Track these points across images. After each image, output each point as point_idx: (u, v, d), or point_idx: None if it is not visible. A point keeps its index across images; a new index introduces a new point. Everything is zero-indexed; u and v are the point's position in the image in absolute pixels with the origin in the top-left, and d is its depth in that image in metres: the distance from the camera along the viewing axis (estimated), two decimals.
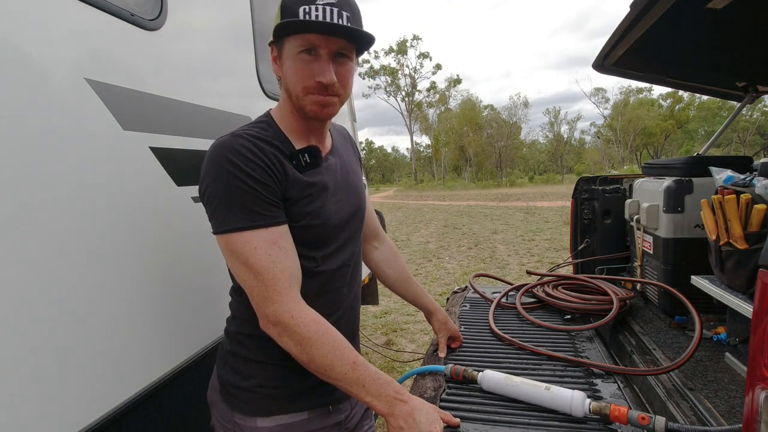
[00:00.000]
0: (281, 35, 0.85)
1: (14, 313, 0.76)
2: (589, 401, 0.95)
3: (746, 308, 1.23)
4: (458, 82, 49.86)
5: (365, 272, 2.65)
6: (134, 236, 1.04)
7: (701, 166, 1.73)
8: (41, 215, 0.82)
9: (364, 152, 61.16)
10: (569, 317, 1.66)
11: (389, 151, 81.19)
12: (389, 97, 48.21)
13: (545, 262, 6.59)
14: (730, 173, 1.45)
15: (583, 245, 2.61)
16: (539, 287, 1.89)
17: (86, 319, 0.90)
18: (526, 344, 1.36)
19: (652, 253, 1.92)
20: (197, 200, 0.88)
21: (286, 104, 0.92)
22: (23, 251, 0.79)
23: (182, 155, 1.22)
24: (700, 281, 1.55)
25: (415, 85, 48.10)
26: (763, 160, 1.46)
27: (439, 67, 47.84)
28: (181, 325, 1.19)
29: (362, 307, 1.43)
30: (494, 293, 1.93)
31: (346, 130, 1.17)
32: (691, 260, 1.73)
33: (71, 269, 0.88)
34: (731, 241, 1.35)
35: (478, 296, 1.96)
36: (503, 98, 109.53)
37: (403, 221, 13.32)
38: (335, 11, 0.81)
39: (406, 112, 49.28)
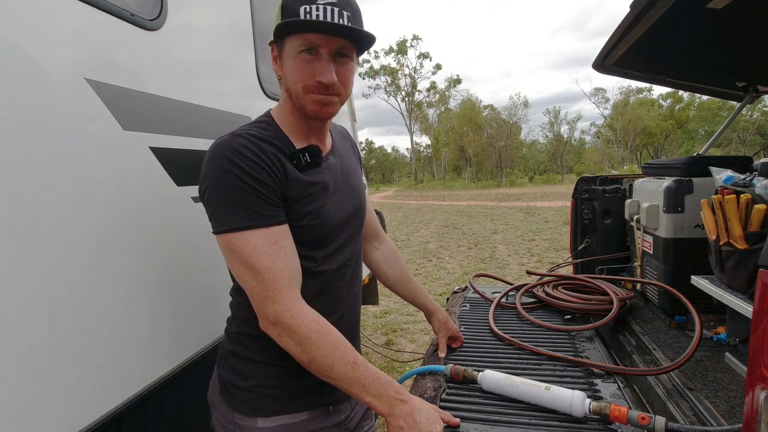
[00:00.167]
0: (282, 35, 0.85)
1: (14, 312, 0.76)
2: (589, 401, 0.95)
3: (746, 308, 1.23)
4: (458, 82, 49.91)
5: (365, 272, 2.65)
6: (134, 236, 1.04)
7: (701, 166, 1.73)
8: (41, 215, 0.82)
9: (364, 152, 61.15)
10: (569, 317, 1.66)
11: (389, 151, 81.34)
12: (389, 97, 48.31)
13: (545, 262, 6.59)
14: (730, 173, 1.45)
15: (583, 245, 2.61)
16: (539, 287, 1.89)
17: (86, 319, 0.90)
18: (526, 344, 1.36)
19: (652, 253, 1.92)
20: (197, 200, 0.88)
21: (286, 104, 0.92)
22: (23, 251, 0.79)
23: (182, 155, 1.22)
24: (700, 281, 1.55)
25: (415, 85, 48.13)
26: (763, 160, 1.46)
27: (439, 67, 47.84)
28: (181, 325, 1.19)
29: (362, 307, 1.43)
30: (494, 293, 1.93)
31: (346, 130, 1.17)
32: (691, 260, 1.73)
33: (71, 269, 0.88)
34: (731, 241, 1.35)
35: (478, 296, 1.96)
36: (503, 98, 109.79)
37: (403, 221, 13.32)
38: (336, 11, 0.81)
39: (406, 112, 49.30)
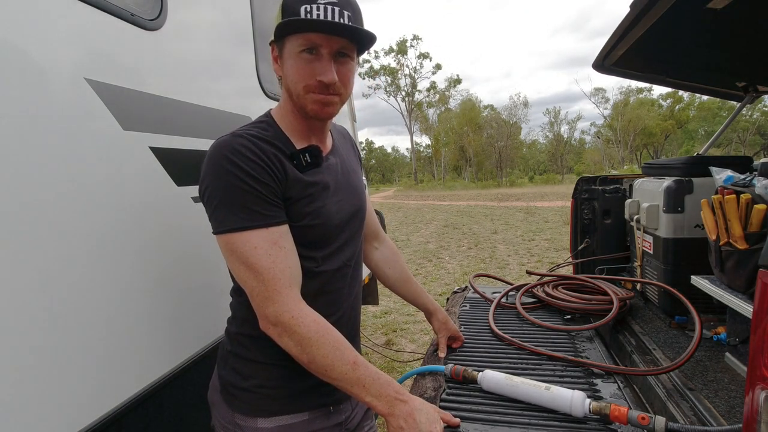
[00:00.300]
0: (282, 35, 0.85)
1: (14, 312, 0.76)
2: (589, 401, 0.95)
3: (746, 308, 1.23)
4: (458, 82, 49.91)
5: (365, 272, 2.65)
6: (134, 236, 1.04)
7: (701, 166, 1.73)
8: (41, 215, 0.82)
9: (364, 152, 61.13)
10: (569, 317, 1.66)
11: (389, 151, 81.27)
12: (389, 97, 48.28)
13: (545, 262, 6.59)
14: (730, 173, 1.45)
15: (583, 245, 2.61)
16: (539, 287, 1.89)
17: (86, 318, 0.90)
18: (526, 344, 1.36)
19: (652, 253, 1.92)
20: (197, 200, 0.88)
21: (286, 104, 0.92)
22: (23, 251, 0.79)
23: (182, 155, 1.22)
24: (700, 281, 1.55)
25: (415, 85, 48.12)
26: (763, 160, 1.46)
27: (439, 67, 47.83)
28: (181, 325, 1.19)
29: (362, 307, 1.43)
30: (494, 293, 1.93)
31: (346, 130, 1.17)
32: (691, 260, 1.73)
33: (71, 269, 0.88)
34: (731, 241, 1.35)
35: (478, 296, 1.96)
36: (503, 98, 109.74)
37: (403, 221, 13.32)
38: (336, 10, 0.81)
39: (406, 112, 49.29)
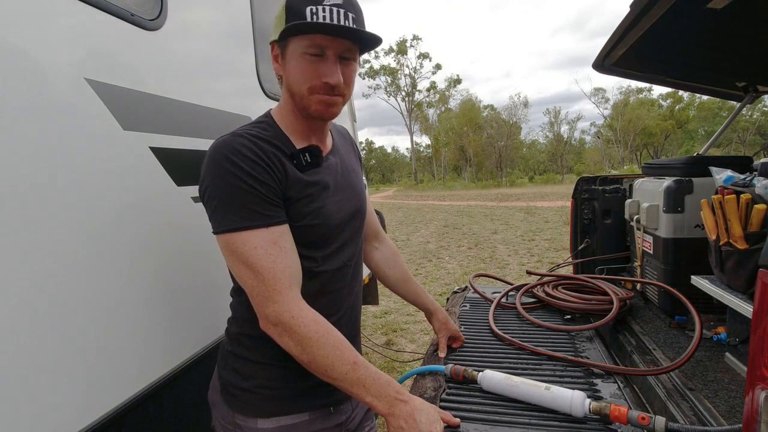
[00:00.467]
0: (287, 35, 0.85)
1: (14, 312, 0.76)
2: (589, 401, 0.95)
3: (746, 308, 1.23)
4: (458, 82, 49.91)
5: (365, 272, 2.65)
6: (134, 236, 1.04)
7: (701, 166, 1.73)
8: (41, 215, 0.82)
9: (364, 152, 61.10)
10: (569, 317, 1.66)
11: (389, 151, 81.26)
12: (389, 97, 48.28)
13: (545, 262, 6.59)
14: (730, 173, 1.45)
15: (583, 245, 2.61)
16: (539, 287, 1.89)
17: (86, 318, 0.90)
18: (526, 344, 1.36)
19: (652, 253, 1.92)
20: (197, 200, 0.88)
21: (287, 104, 0.92)
22: (23, 251, 0.79)
23: (182, 155, 1.22)
24: (700, 281, 1.55)
25: (415, 85, 48.11)
26: (763, 160, 1.46)
27: (439, 67, 47.81)
28: (181, 325, 1.19)
29: (362, 307, 1.43)
30: (494, 293, 1.93)
31: (346, 130, 1.17)
32: (691, 260, 1.73)
33: (71, 269, 0.88)
34: (731, 241, 1.35)
35: (478, 296, 1.97)
36: (503, 98, 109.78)
37: (403, 221, 13.31)
38: (341, 12, 0.82)
39: (406, 112, 49.28)
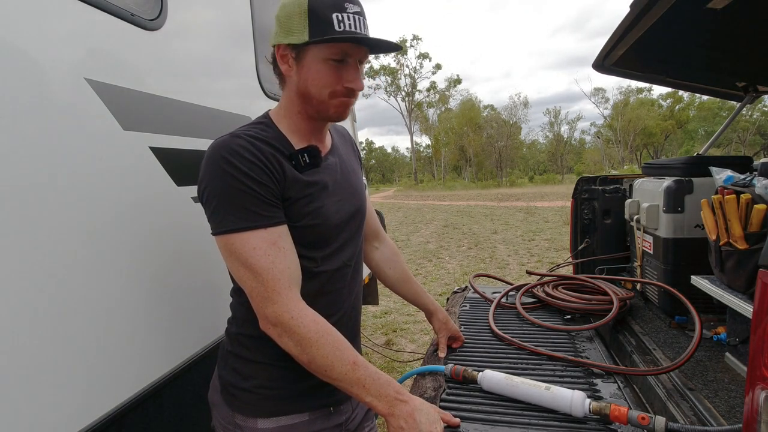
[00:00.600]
0: (310, 42, 0.83)
1: (14, 312, 0.76)
2: (589, 401, 0.95)
3: (746, 308, 1.23)
4: (458, 82, 49.90)
5: (365, 272, 2.65)
6: (134, 237, 1.04)
7: (701, 166, 1.73)
8: (41, 215, 0.82)
9: (364, 152, 61.14)
10: (569, 317, 1.66)
11: (389, 151, 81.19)
12: (389, 97, 48.25)
13: (545, 262, 6.59)
14: (730, 173, 1.45)
15: (583, 245, 2.61)
16: (539, 287, 1.89)
17: (86, 318, 0.90)
18: (526, 344, 1.36)
19: (652, 253, 1.92)
20: (197, 200, 0.88)
21: (292, 105, 0.92)
22: (23, 251, 0.78)
23: (182, 155, 1.22)
24: (700, 281, 1.55)
25: (415, 85, 48.11)
26: (763, 160, 1.46)
27: (439, 67, 47.77)
28: (181, 325, 1.19)
29: (362, 307, 1.43)
30: (494, 293, 1.93)
31: (345, 129, 1.17)
32: (691, 260, 1.73)
33: (71, 269, 0.88)
34: (731, 241, 1.35)
35: (478, 296, 1.96)
36: (503, 98, 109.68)
37: (403, 221, 13.31)
38: (360, 20, 0.85)
39: (406, 112, 49.27)
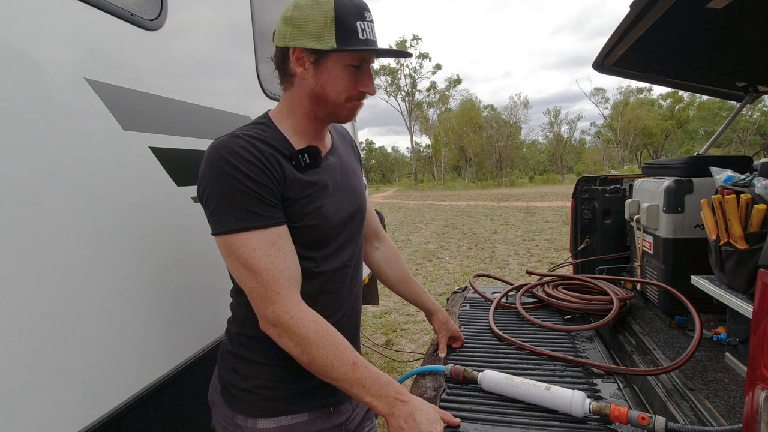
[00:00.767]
0: (333, 49, 0.85)
1: (14, 312, 0.76)
2: (589, 401, 0.95)
3: (746, 308, 1.23)
4: (458, 82, 49.93)
5: (365, 272, 2.65)
6: (134, 236, 1.04)
7: (701, 166, 1.73)
8: (41, 215, 0.82)
9: (364, 152, 61.13)
10: (569, 317, 1.66)
11: (389, 151, 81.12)
12: (389, 97, 48.28)
13: (545, 262, 6.59)
14: (730, 173, 1.45)
15: (583, 245, 2.61)
16: (539, 287, 1.89)
17: (86, 319, 0.90)
18: (526, 344, 1.36)
19: (652, 253, 1.92)
20: (197, 200, 0.88)
21: (298, 106, 0.92)
22: (23, 251, 0.78)
23: (182, 155, 1.22)
24: (700, 281, 1.55)
25: (415, 85, 48.15)
26: (763, 160, 1.46)
27: (438, 67, 47.86)
28: (181, 325, 1.19)
29: (362, 307, 1.43)
30: (494, 293, 1.93)
31: (345, 130, 1.17)
32: (691, 260, 1.73)
33: (71, 269, 0.88)
34: (731, 241, 1.35)
35: (478, 296, 1.96)
36: (503, 98, 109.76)
37: (403, 221, 13.31)
38: (373, 27, 0.89)
39: (406, 112, 49.30)
